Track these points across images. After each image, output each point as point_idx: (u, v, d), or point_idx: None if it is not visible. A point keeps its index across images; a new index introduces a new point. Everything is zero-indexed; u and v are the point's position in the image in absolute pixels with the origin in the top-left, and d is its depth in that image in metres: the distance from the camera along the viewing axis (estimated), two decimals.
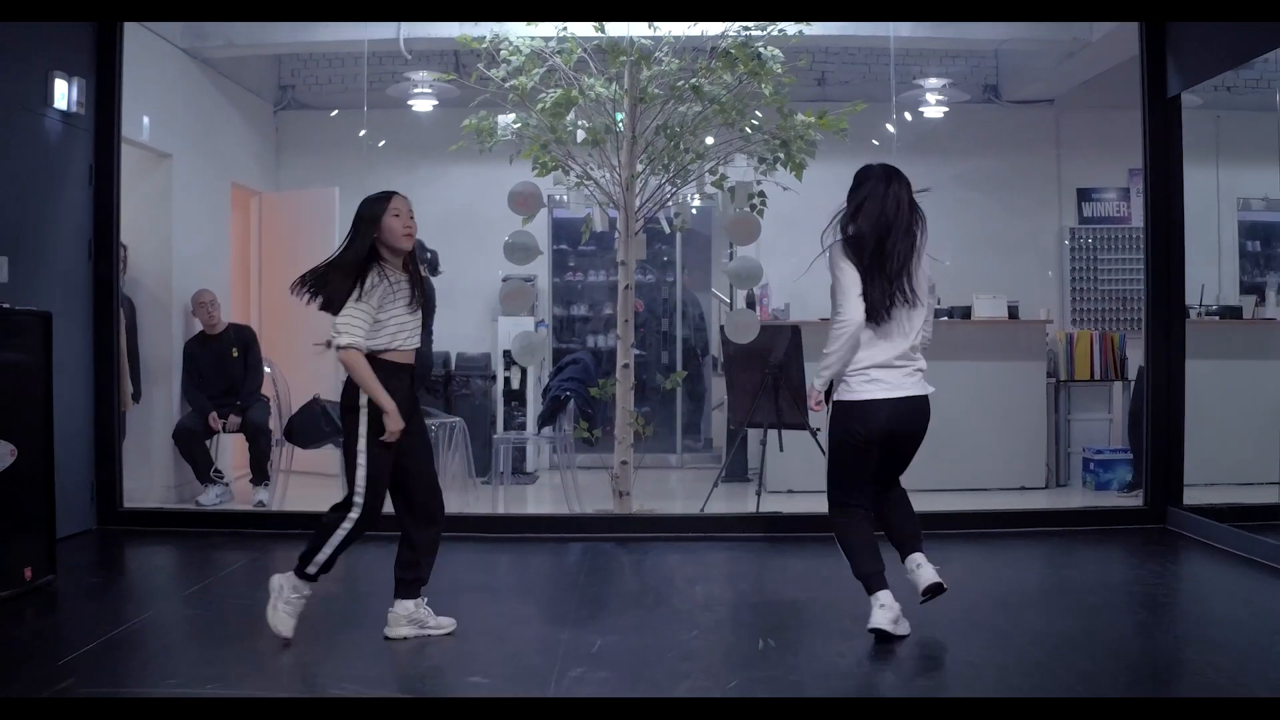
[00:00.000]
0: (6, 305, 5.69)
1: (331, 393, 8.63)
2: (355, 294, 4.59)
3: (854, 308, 4.65)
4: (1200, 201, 9.02)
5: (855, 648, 4.70)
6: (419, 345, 4.81)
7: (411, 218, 4.74)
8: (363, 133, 8.99)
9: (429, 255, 8.51)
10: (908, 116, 9.89)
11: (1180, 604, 5.66)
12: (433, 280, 8.58)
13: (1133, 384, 8.67)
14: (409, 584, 4.85)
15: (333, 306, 4.64)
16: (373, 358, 4.62)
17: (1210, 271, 9.90)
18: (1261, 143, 10.23)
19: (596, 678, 4.28)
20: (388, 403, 4.58)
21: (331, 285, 4.64)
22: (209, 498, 8.06)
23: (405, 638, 4.78)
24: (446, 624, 4.88)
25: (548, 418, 7.99)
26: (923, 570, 4.80)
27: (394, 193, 4.77)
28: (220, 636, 5.03)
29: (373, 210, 4.69)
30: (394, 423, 4.58)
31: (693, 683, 4.24)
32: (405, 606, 4.83)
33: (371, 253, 4.66)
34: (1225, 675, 4.37)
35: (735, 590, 5.98)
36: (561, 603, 5.56)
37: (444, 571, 5.36)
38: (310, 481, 8.59)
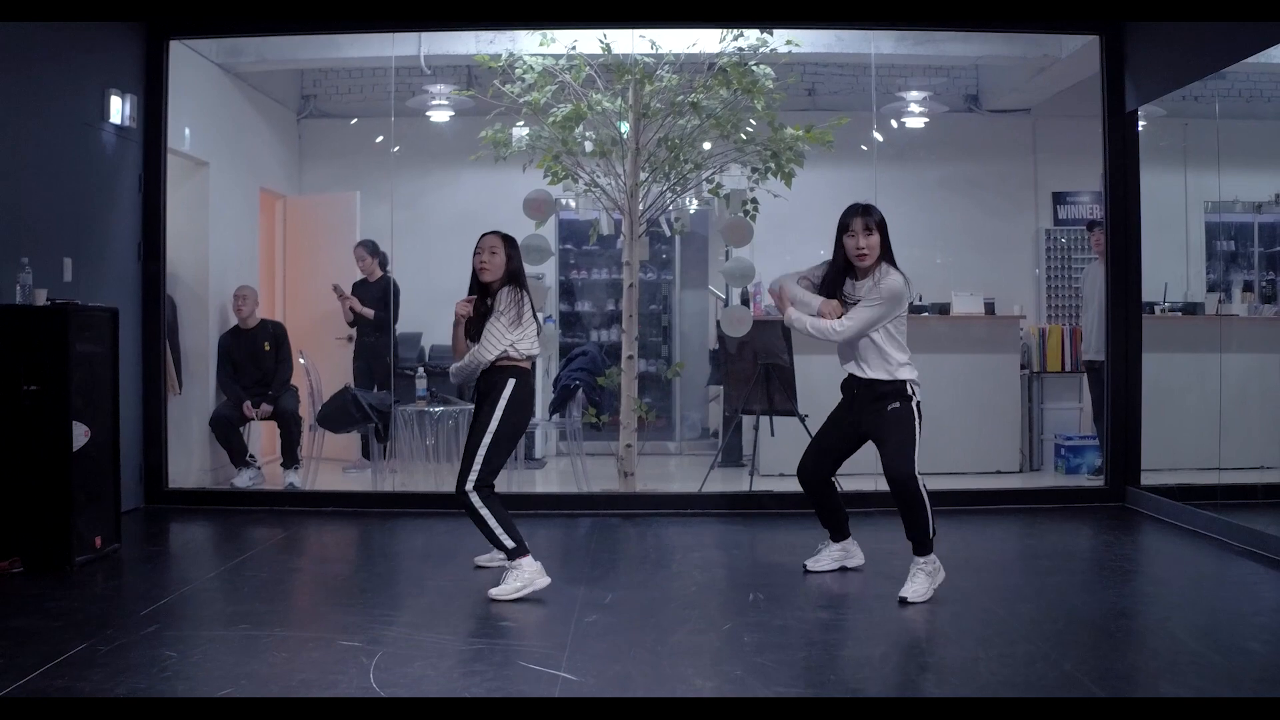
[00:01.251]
0: (79, 302, 6.35)
1: (340, 380, 9.31)
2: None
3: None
4: (1169, 205, 9.68)
5: (833, 599, 5.43)
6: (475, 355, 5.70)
7: (492, 253, 5.70)
8: (380, 139, 9.65)
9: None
10: (894, 125, 10.56)
11: (1125, 567, 6.34)
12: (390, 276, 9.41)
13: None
14: None
15: None
16: None
17: (1179, 270, 10.53)
18: (1225, 149, 10.86)
19: (609, 622, 4.99)
20: None
21: None
22: (243, 480, 8.70)
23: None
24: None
25: (558, 405, 8.69)
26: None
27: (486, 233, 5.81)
28: (275, 593, 5.76)
29: None
30: None
31: (693, 625, 4.94)
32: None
33: None
34: (1153, 620, 5.12)
35: (729, 555, 6.68)
36: (575, 566, 6.24)
37: (464, 542, 6.09)
38: (336, 466, 9.25)
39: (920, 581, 5.38)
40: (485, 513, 5.47)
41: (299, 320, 10.21)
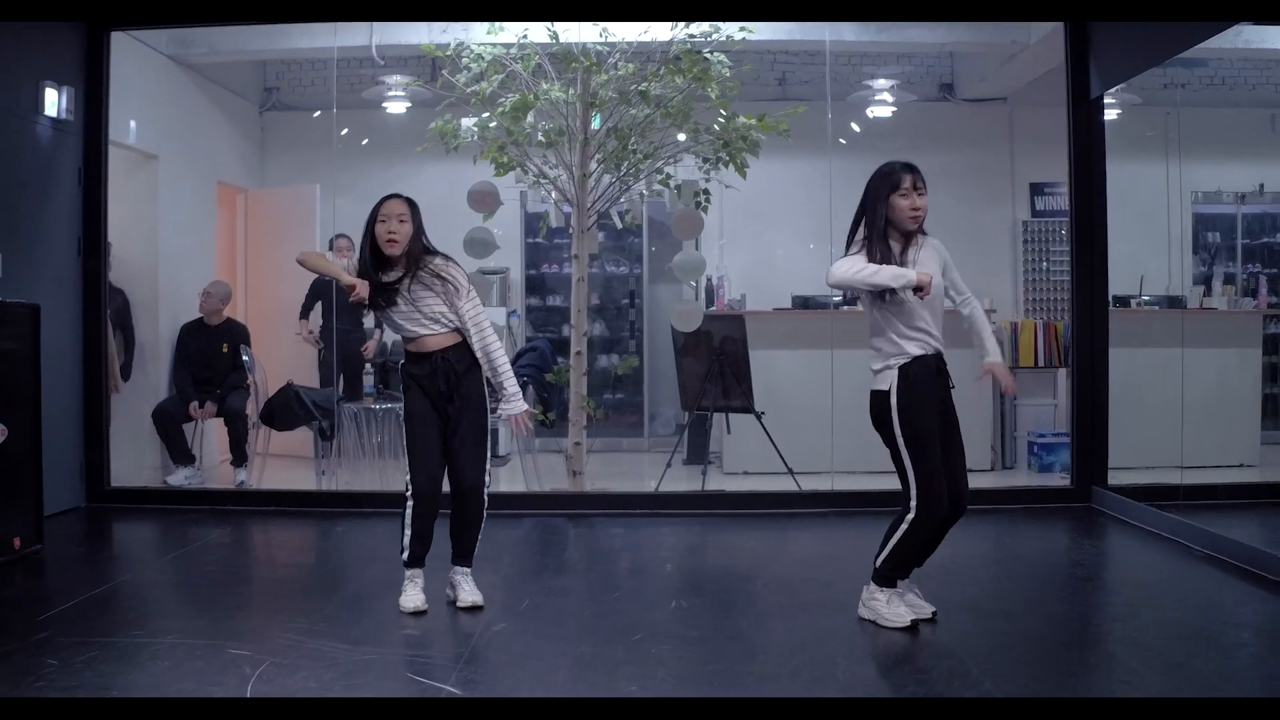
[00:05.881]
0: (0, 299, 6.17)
1: (306, 378, 9.12)
2: None
3: None
4: (1153, 196, 9.44)
5: (763, 610, 5.19)
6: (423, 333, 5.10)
7: (400, 221, 5.01)
8: (345, 131, 9.46)
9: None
10: (870, 114, 10.34)
11: (1082, 575, 6.10)
12: None
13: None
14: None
15: None
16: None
17: (1161, 263, 10.29)
18: (1212, 138, 10.64)
19: (516, 630, 4.80)
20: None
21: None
22: (178, 478, 8.45)
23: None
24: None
25: None
26: None
27: (389, 196, 5.13)
28: (183, 597, 5.63)
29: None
30: None
31: (602, 635, 4.73)
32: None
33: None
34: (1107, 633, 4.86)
35: (666, 559, 6.47)
36: (501, 569, 5.96)
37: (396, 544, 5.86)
38: (286, 463, 9.07)
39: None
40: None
41: (260, 312, 10.07)
